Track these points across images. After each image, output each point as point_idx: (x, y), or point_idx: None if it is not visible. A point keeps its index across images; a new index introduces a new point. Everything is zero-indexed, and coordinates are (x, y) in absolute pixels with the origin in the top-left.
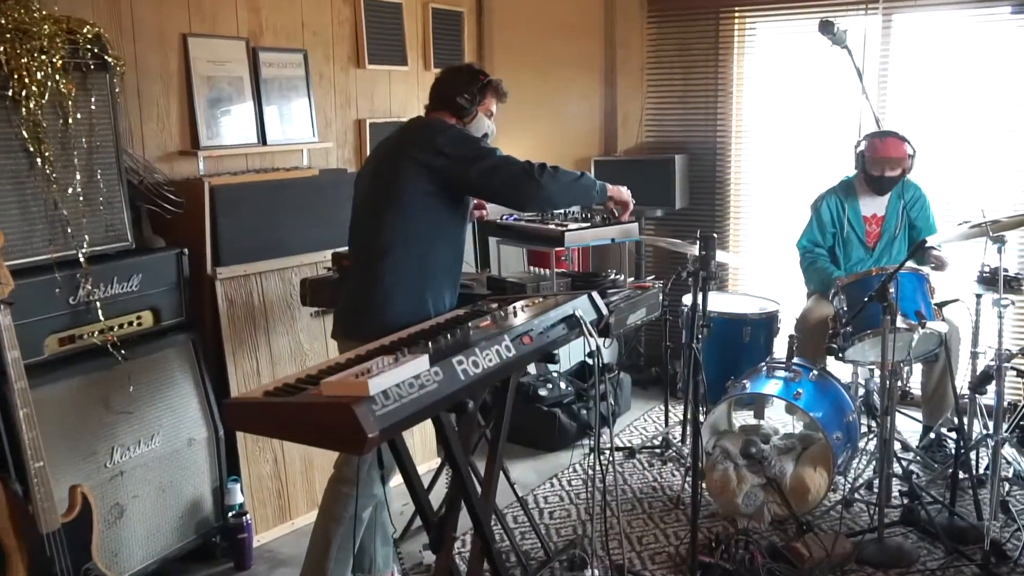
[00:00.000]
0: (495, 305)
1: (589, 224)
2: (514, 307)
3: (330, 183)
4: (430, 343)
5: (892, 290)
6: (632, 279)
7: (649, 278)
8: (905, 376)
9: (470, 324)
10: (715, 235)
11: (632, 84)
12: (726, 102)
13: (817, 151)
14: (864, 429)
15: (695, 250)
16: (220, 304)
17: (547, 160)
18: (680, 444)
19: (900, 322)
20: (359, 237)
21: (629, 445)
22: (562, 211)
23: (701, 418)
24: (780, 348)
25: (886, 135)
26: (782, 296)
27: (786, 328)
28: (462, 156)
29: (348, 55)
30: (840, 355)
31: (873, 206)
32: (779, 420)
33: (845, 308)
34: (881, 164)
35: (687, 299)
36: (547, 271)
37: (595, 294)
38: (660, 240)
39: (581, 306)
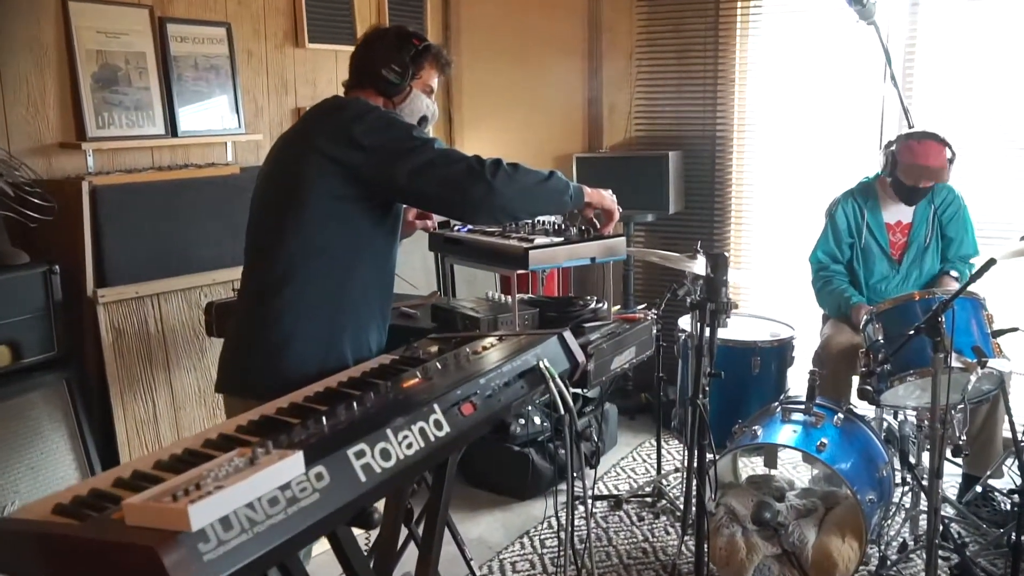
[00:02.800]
0: (434, 348)
1: (563, 240)
2: (458, 354)
3: (252, 183)
4: (323, 420)
5: (944, 320)
6: (617, 308)
7: (639, 307)
8: (957, 426)
9: (388, 385)
10: (727, 254)
11: (619, 71)
12: (727, 91)
13: (832, 148)
14: (897, 479)
15: (694, 266)
16: (103, 334)
17: (520, 159)
18: (675, 495)
19: (954, 360)
20: (250, 260)
21: (615, 493)
22: (529, 221)
23: (709, 501)
24: (794, 380)
25: (924, 137)
26: (794, 317)
27: (801, 357)
28: (386, 149)
29: (284, 31)
30: (876, 399)
31: (898, 212)
32: (793, 467)
33: (881, 340)
34: (918, 174)
35: (684, 322)
36: (506, 298)
37: (568, 334)
38: (652, 253)
39: (548, 352)
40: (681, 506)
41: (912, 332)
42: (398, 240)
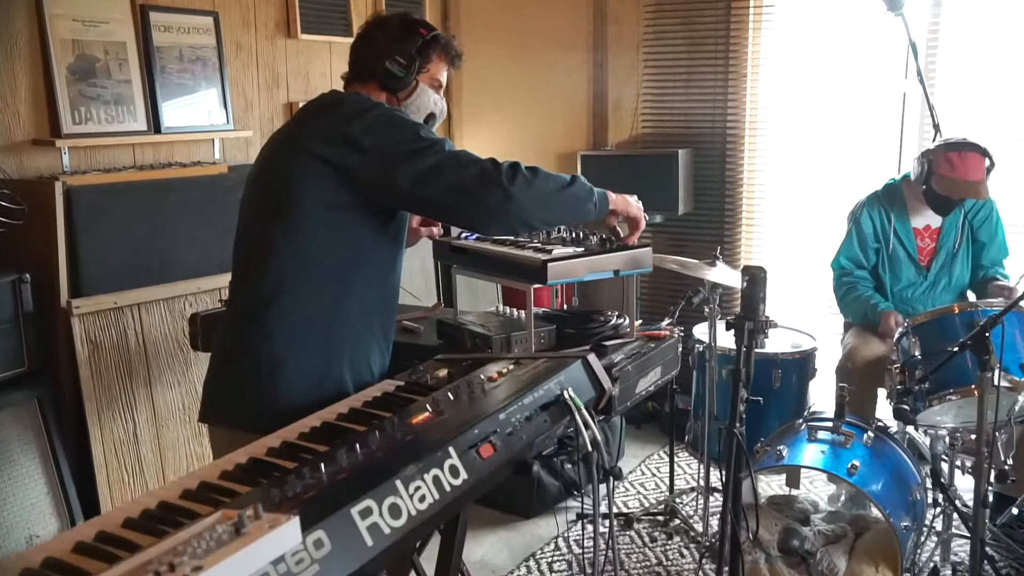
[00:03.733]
0: (443, 373)
1: (583, 250)
2: (471, 381)
3: (241, 183)
4: (321, 466)
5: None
6: (639, 323)
7: (664, 323)
8: (1002, 449)
9: (395, 421)
10: (763, 270)
11: (626, 64)
12: (738, 86)
13: (849, 147)
14: (928, 498)
15: (714, 274)
16: (79, 348)
17: (521, 158)
18: (688, 513)
19: (1002, 379)
20: (238, 273)
21: (625, 511)
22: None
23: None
24: (817, 394)
25: (965, 148)
26: (810, 325)
27: (823, 368)
28: (388, 151)
29: (276, 21)
30: (912, 419)
31: (926, 216)
32: (810, 482)
33: (918, 355)
34: (956, 188)
35: (700, 331)
36: (519, 313)
37: (593, 358)
38: (670, 260)
39: (572, 380)
40: (696, 526)
41: (956, 348)
42: (402, 251)
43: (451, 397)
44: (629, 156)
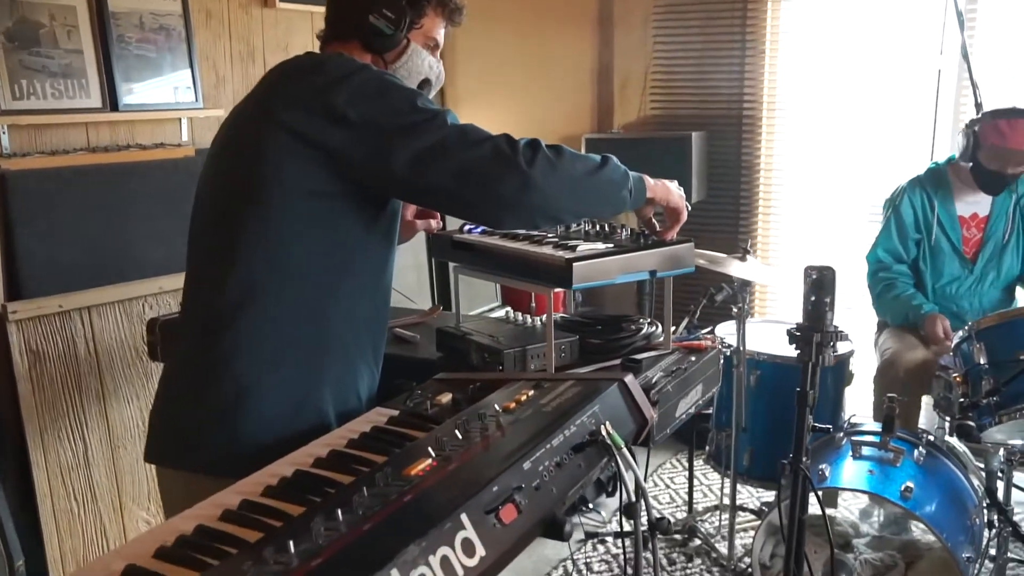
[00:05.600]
0: (447, 399)
1: (613, 246)
2: (483, 414)
3: None
4: (290, 543)
5: None
6: (673, 329)
7: (704, 331)
8: None
9: (388, 473)
10: (832, 269)
11: (634, 40)
12: (757, 63)
13: (877, 130)
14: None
15: (743, 269)
16: (16, 359)
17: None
18: (709, 532)
19: None
20: (194, 279)
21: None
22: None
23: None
24: (853, 401)
25: (1016, 115)
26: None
27: (859, 372)
28: (380, 125)
29: None
30: (977, 436)
31: (973, 203)
32: (847, 499)
33: (984, 363)
34: (1006, 158)
35: (725, 331)
36: (534, 320)
37: (631, 381)
38: (697, 259)
39: (609, 410)
40: (719, 547)
41: None
42: (394, 249)
43: (459, 436)
44: (638, 139)
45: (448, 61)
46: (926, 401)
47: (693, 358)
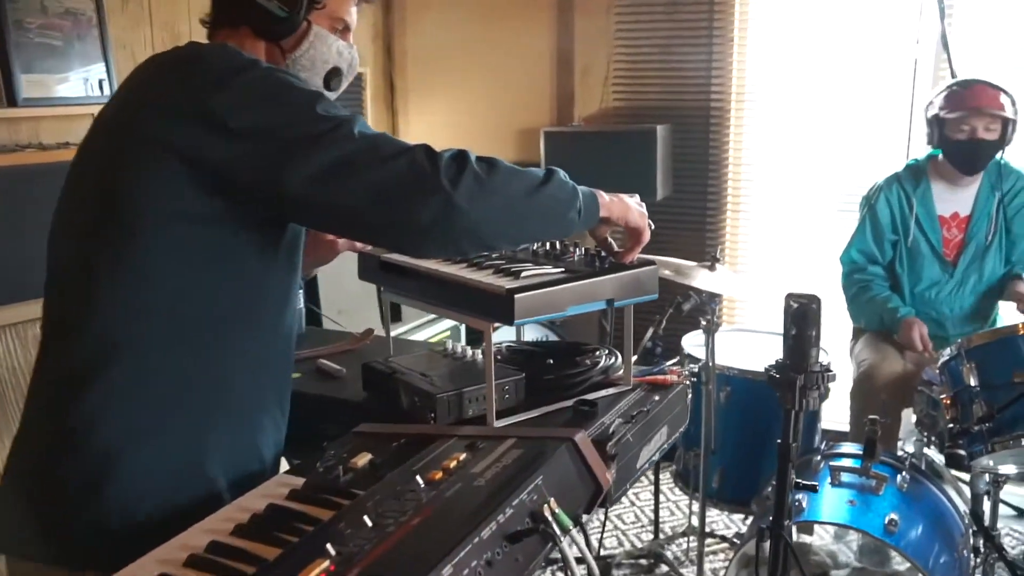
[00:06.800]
0: (363, 461)
1: (563, 271)
2: (402, 489)
3: None
4: None
5: None
6: (634, 359)
7: (670, 363)
8: None
9: None
10: (817, 299)
11: (596, 26)
12: (724, 52)
13: (851, 122)
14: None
15: (712, 280)
16: None
17: (476, 135)
18: (678, 558)
19: None
20: (48, 326)
21: (604, 555)
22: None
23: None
24: (830, 417)
25: (970, 83)
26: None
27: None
28: (270, 136)
29: None
30: (968, 465)
31: (954, 202)
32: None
33: (975, 385)
34: (969, 117)
35: (692, 343)
36: (475, 354)
37: (582, 440)
38: (660, 263)
39: (556, 480)
40: (686, 574)
41: None
42: (298, 277)
43: (368, 524)
44: (600, 133)
45: (399, 51)
46: (906, 413)
47: (657, 396)
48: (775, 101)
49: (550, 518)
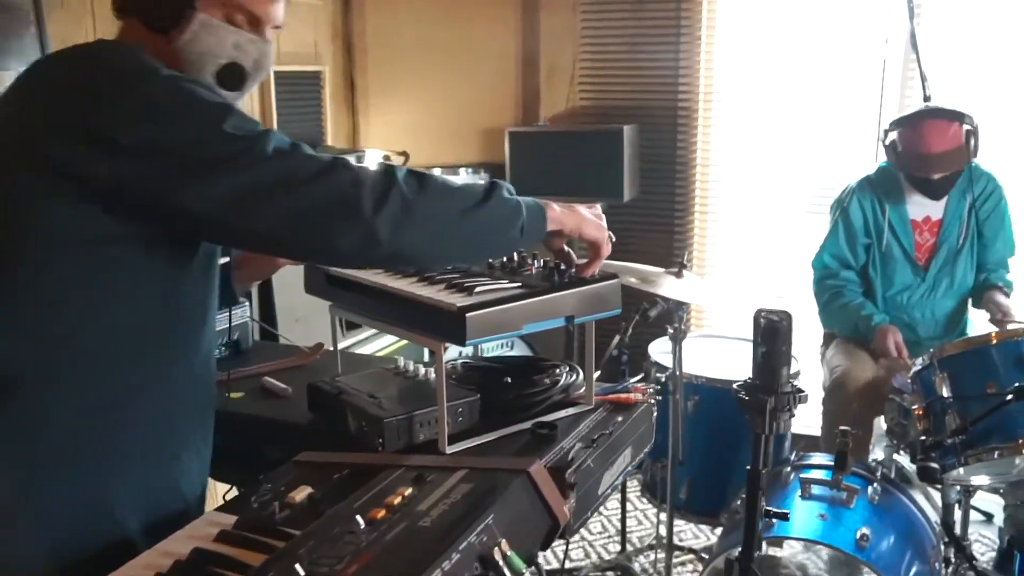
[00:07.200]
0: (302, 496)
1: (519, 286)
2: (340, 528)
3: None
4: None
5: None
6: (598, 374)
7: (634, 380)
8: None
9: None
10: (788, 315)
11: (562, 24)
12: (692, 51)
13: (820, 123)
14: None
15: (679, 287)
16: None
17: (440, 134)
18: (648, 571)
19: None
20: None
21: (569, 568)
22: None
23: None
24: (800, 421)
25: (923, 117)
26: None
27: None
28: (170, 155)
29: None
30: (940, 478)
31: (927, 206)
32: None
33: (948, 396)
34: (925, 164)
35: (659, 350)
36: (428, 373)
37: (538, 472)
38: (624, 270)
39: (508, 519)
40: None
41: (1012, 396)
42: (215, 293)
43: (300, 573)
44: (565, 133)
45: (359, 49)
46: (878, 421)
47: (620, 417)
48: (743, 100)
49: (501, 563)
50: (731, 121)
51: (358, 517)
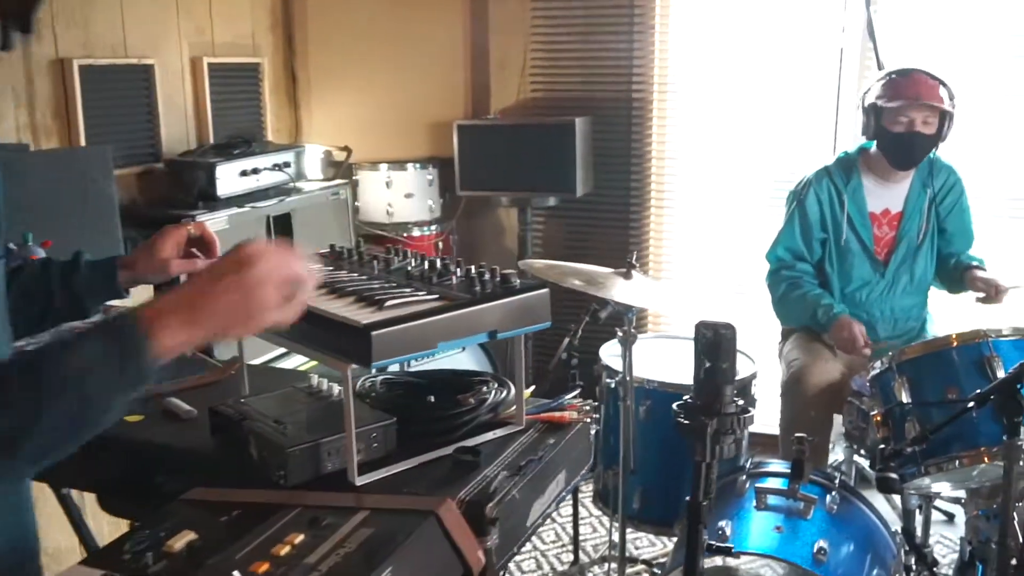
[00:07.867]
0: (182, 543)
1: (437, 297)
2: None
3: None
4: None
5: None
6: (530, 394)
7: (572, 396)
8: (1021, 530)
9: None
10: (731, 327)
11: (512, 14)
12: (645, 41)
13: (778, 113)
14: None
15: (627, 289)
16: None
17: (388, 128)
18: None
19: None
20: None
21: None
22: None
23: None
24: (757, 419)
25: (910, 71)
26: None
27: (762, 390)
28: None
29: None
30: (900, 488)
31: (885, 197)
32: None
33: (908, 402)
34: (908, 108)
35: (608, 352)
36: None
37: (451, 512)
38: (569, 272)
39: (411, 564)
40: None
41: (973, 403)
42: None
43: None
44: (516, 126)
45: (297, 37)
46: (837, 418)
47: (553, 439)
48: (699, 91)
49: None
50: (687, 112)
51: (236, 573)
